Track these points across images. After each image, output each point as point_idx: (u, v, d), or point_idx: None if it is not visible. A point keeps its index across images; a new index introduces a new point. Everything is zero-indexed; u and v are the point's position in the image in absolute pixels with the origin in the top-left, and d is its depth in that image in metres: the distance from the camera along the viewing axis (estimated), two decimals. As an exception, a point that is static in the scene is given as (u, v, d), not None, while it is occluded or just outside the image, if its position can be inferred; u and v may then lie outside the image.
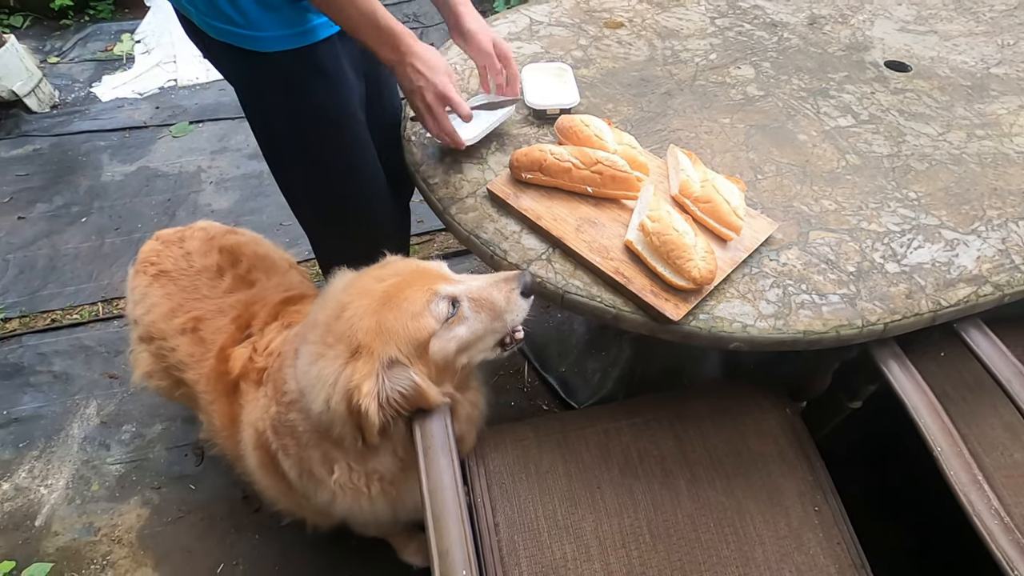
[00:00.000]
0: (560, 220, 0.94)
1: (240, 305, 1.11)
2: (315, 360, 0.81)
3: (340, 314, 0.82)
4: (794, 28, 1.46)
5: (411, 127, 1.16)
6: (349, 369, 0.77)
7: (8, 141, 2.49)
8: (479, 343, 0.86)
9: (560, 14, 1.48)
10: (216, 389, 1.06)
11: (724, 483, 1.00)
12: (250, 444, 1.01)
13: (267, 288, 1.15)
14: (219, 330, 1.09)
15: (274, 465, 0.98)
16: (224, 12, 0.92)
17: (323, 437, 0.88)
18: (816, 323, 0.84)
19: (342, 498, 0.92)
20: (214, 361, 1.06)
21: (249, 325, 1.07)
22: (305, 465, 0.92)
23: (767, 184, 1.05)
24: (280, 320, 1.06)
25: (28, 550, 1.40)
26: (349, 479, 0.89)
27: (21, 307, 1.90)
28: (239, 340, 1.06)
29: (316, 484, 0.93)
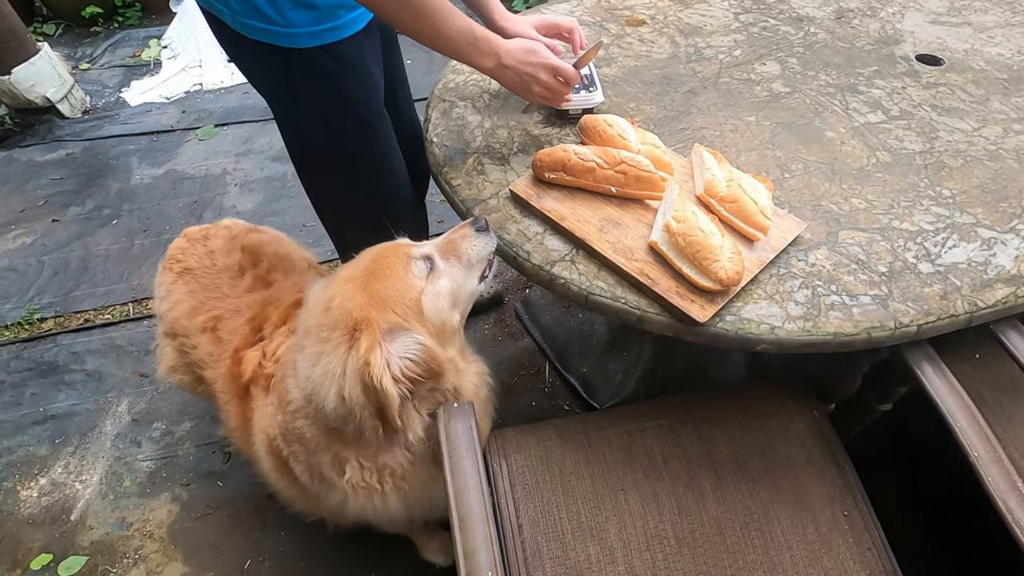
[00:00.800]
0: (583, 221, 0.94)
1: (256, 306, 1.12)
2: (316, 360, 0.82)
3: (328, 307, 0.84)
4: (821, 22, 1.43)
5: (432, 129, 1.17)
6: (354, 351, 0.77)
7: (42, 146, 2.57)
8: (463, 290, 0.92)
9: (581, 12, 1.47)
10: (231, 390, 1.08)
11: (750, 486, 0.99)
12: (262, 448, 1.02)
13: (283, 289, 1.16)
14: (235, 331, 1.11)
15: (286, 469, 0.99)
16: (261, 11, 0.94)
17: (333, 439, 0.89)
18: (847, 325, 0.82)
19: (354, 498, 0.93)
20: (229, 362, 1.08)
21: (262, 327, 1.09)
22: (315, 469, 0.93)
23: (794, 183, 1.03)
24: (289, 324, 1.07)
25: (64, 543, 1.44)
26: (361, 478, 0.90)
27: (56, 307, 1.96)
28: (252, 342, 1.08)
29: (328, 487, 0.94)
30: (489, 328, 1.86)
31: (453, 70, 1.31)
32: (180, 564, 1.41)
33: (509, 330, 1.85)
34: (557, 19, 1.13)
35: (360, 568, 1.40)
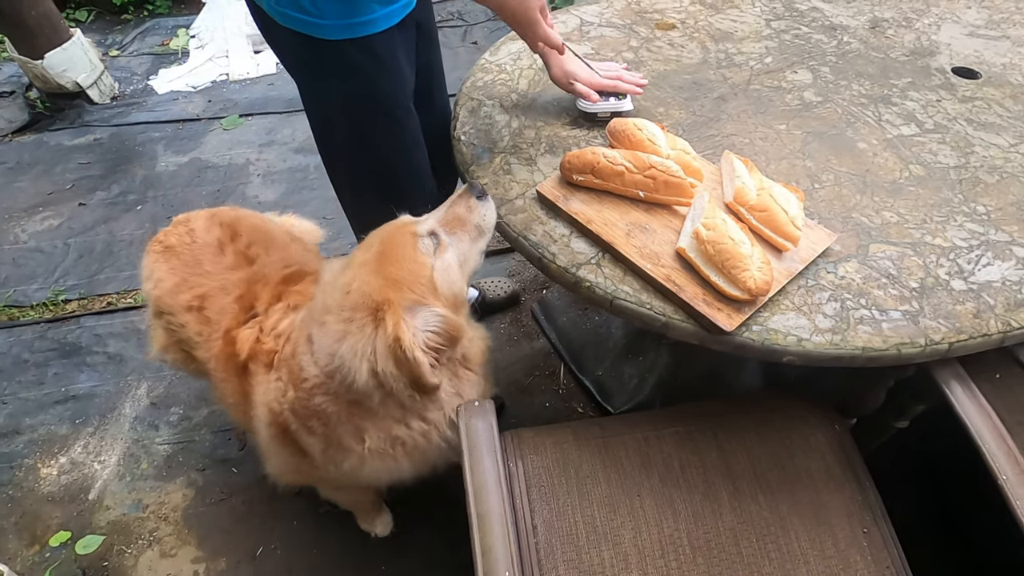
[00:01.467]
0: (610, 225, 0.93)
1: (243, 284, 1.14)
2: (341, 338, 0.86)
3: (348, 290, 0.87)
4: (854, 31, 1.41)
5: (460, 127, 1.17)
6: (381, 331, 0.82)
7: (72, 130, 2.61)
8: (469, 259, 0.96)
9: (611, 15, 1.46)
10: (226, 370, 1.10)
11: (768, 498, 0.98)
12: (263, 422, 1.05)
13: (267, 265, 1.18)
14: (223, 310, 1.12)
15: (289, 441, 1.03)
16: (295, 1, 0.96)
17: (353, 413, 0.94)
18: (876, 340, 0.81)
19: (371, 462, 0.99)
20: (221, 343, 1.10)
21: (253, 306, 1.11)
22: (333, 440, 0.98)
23: (825, 193, 1.02)
24: (284, 301, 1.09)
25: (82, 522, 1.47)
26: (379, 445, 0.97)
27: (80, 289, 1.99)
28: (244, 321, 1.10)
29: (344, 454, 1.00)
30: (505, 327, 1.86)
31: (481, 68, 1.31)
32: (193, 548, 1.43)
33: (525, 330, 1.85)
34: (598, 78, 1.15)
35: (369, 559, 1.41)
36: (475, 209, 0.95)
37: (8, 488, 1.53)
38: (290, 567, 1.40)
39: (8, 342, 1.83)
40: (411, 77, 1.16)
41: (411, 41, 1.14)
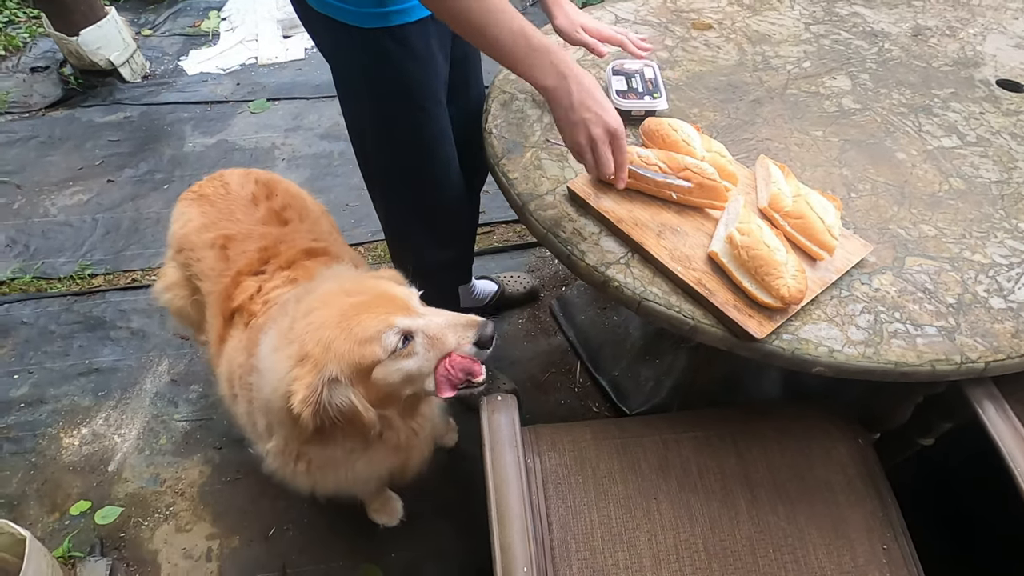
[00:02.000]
0: (641, 225, 0.92)
1: (271, 238, 1.16)
2: (274, 350, 0.86)
3: (306, 315, 0.86)
4: (896, 39, 1.38)
5: (491, 120, 1.17)
6: (293, 372, 0.81)
7: (103, 107, 2.65)
8: (428, 378, 0.87)
9: (646, 12, 1.44)
10: (220, 306, 1.13)
11: (787, 508, 0.97)
12: (223, 375, 1.09)
13: (299, 231, 1.20)
14: (243, 253, 1.14)
15: (235, 400, 1.06)
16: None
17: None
18: (910, 355, 0.79)
19: (272, 462, 1.00)
20: (228, 281, 1.12)
21: (268, 261, 1.13)
22: (250, 420, 1.01)
23: (861, 203, 1.00)
24: (291, 271, 1.11)
25: (101, 492, 1.50)
26: (283, 451, 0.95)
27: (106, 264, 2.02)
28: (255, 271, 1.12)
29: (256, 437, 1.02)
30: (523, 323, 1.86)
31: (515, 62, 1.30)
32: (208, 524, 1.45)
33: (542, 326, 1.85)
34: (609, 33, 1.12)
35: (379, 546, 1.42)
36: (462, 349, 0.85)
37: (31, 455, 1.56)
38: (301, 549, 1.42)
39: (36, 313, 1.87)
40: (444, 67, 1.16)
41: (447, 31, 1.13)
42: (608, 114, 0.83)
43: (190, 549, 1.41)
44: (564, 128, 0.86)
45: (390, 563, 1.40)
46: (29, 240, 2.10)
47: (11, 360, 1.76)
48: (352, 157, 2.48)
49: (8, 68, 2.86)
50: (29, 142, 2.48)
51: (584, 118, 0.82)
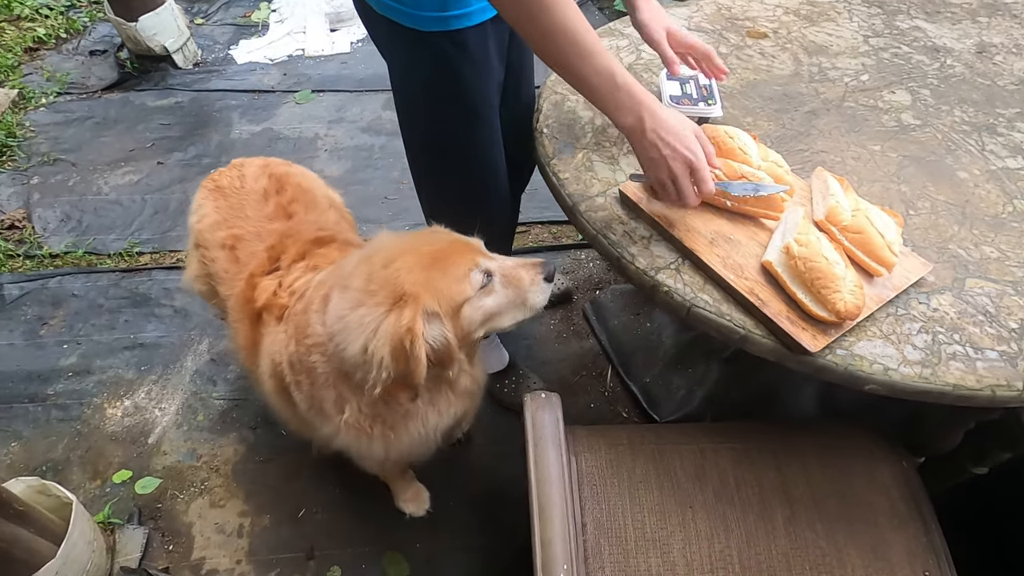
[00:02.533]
0: (693, 231, 0.92)
1: (276, 235, 1.18)
2: (355, 307, 0.87)
3: (388, 265, 0.89)
4: (959, 55, 1.34)
5: (543, 120, 1.17)
6: (394, 316, 0.84)
7: (155, 92, 2.73)
8: (501, 316, 0.96)
9: (700, 19, 1.43)
10: (242, 312, 1.15)
11: (826, 527, 0.95)
12: (266, 372, 1.10)
13: (303, 223, 1.22)
14: (253, 255, 1.17)
15: (286, 394, 1.07)
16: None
17: (340, 379, 0.95)
18: (969, 378, 0.77)
19: (345, 435, 1.01)
20: (243, 285, 1.15)
21: (279, 258, 1.15)
22: (316, 402, 1.01)
23: (920, 221, 0.98)
24: (307, 260, 1.13)
25: (141, 463, 1.55)
26: (357, 420, 0.98)
27: (153, 244, 2.09)
28: (268, 270, 1.14)
29: (323, 419, 1.02)
30: (555, 324, 1.86)
31: (567, 63, 1.31)
32: (240, 501, 1.49)
33: (575, 328, 1.85)
34: (695, 41, 1.07)
35: (406, 534, 1.44)
36: (535, 284, 0.96)
37: (77, 423, 1.62)
38: (329, 532, 1.44)
39: (86, 286, 1.94)
40: (500, 71, 1.16)
41: (504, 35, 1.14)
42: (688, 149, 0.83)
43: (222, 524, 1.45)
44: (645, 165, 0.88)
45: (415, 553, 1.41)
46: (82, 216, 2.18)
47: (61, 330, 1.83)
48: (392, 151, 2.53)
49: (69, 50, 2.97)
50: (85, 122, 2.57)
51: (664, 154, 0.83)
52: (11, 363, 1.74)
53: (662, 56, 1.07)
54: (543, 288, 0.96)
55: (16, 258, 2.03)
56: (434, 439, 1.05)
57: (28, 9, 3.07)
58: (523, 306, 0.96)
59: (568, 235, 2.11)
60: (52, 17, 3.09)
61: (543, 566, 0.70)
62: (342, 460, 1.43)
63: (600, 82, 0.83)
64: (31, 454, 1.56)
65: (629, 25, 1.39)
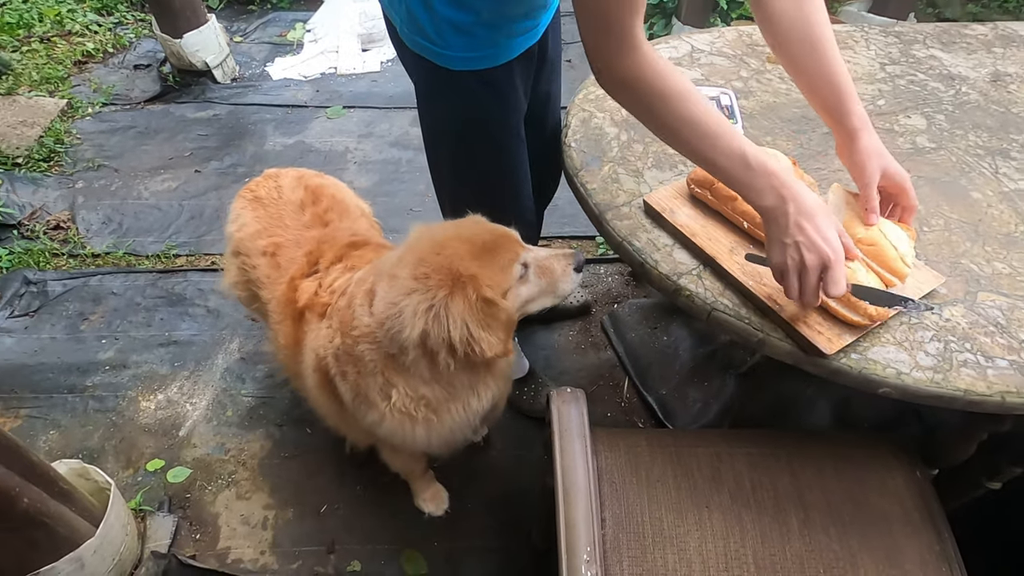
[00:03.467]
0: (714, 240, 0.97)
1: (313, 241, 1.24)
2: (408, 292, 0.92)
3: (439, 252, 0.94)
4: (974, 83, 1.39)
5: (571, 135, 1.24)
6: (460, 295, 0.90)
7: (195, 104, 2.87)
8: (533, 302, 1.04)
9: (722, 44, 1.50)
10: (284, 313, 1.21)
11: (839, 531, 0.98)
12: (310, 367, 1.15)
13: (338, 230, 1.29)
14: (293, 260, 1.23)
15: (330, 387, 1.11)
16: (424, 30, 1.04)
17: (388, 365, 1.00)
18: (979, 384, 0.81)
19: (391, 420, 1.05)
20: (285, 288, 1.21)
21: (317, 262, 1.21)
22: (361, 389, 1.05)
23: (933, 237, 1.02)
24: (344, 262, 1.19)
25: (171, 454, 1.61)
26: (403, 404, 1.03)
27: (189, 247, 2.18)
28: (307, 274, 1.20)
29: (369, 407, 1.06)
30: (574, 335, 1.90)
31: (594, 83, 1.38)
32: (265, 495, 1.54)
33: (593, 340, 1.89)
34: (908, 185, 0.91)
35: (424, 533, 1.47)
36: (566, 274, 1.04)
37: (112, 414, 1.69)
38: (350, 528, 1.48)
39: (124, 285, 2.03)
40: (524, 102, 1.22)
41: (531, 69, 1.20)
42: (828, 243, 0.75)
43: (248, 516, 1.50)
44: (774, 246, 0.80)
45: (433, 551, 1.45)
46: (123, 219, 2.28)
47: (100, 326, 1.91)
48: (419, 165, 2.62)
49: (115, 64, 3.14)
50: (128, 131, 2.71)
51: (798, 241, 0.76)
52: (53, 355, 1.82)
53: (864, 197, 0.91)
54: (573, 278, 1.03)
55: (60, 256, 2.13)
56: (473, 423, 1.10)
57: (79, 25, 3.25)
58: (553, 294, 1.03)
59: (588, 249, 2.17)
60: (101, 33, 3.27)
61: (567, 547, 0.74)
62: (365, 459, 1.49)
63: (731, 164, 0.80)
64: (68, 442, 1.63)
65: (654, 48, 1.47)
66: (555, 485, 0.79)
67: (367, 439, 1.28)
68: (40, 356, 1.82)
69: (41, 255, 2.11)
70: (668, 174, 1.13)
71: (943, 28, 1.59)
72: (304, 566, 1.42)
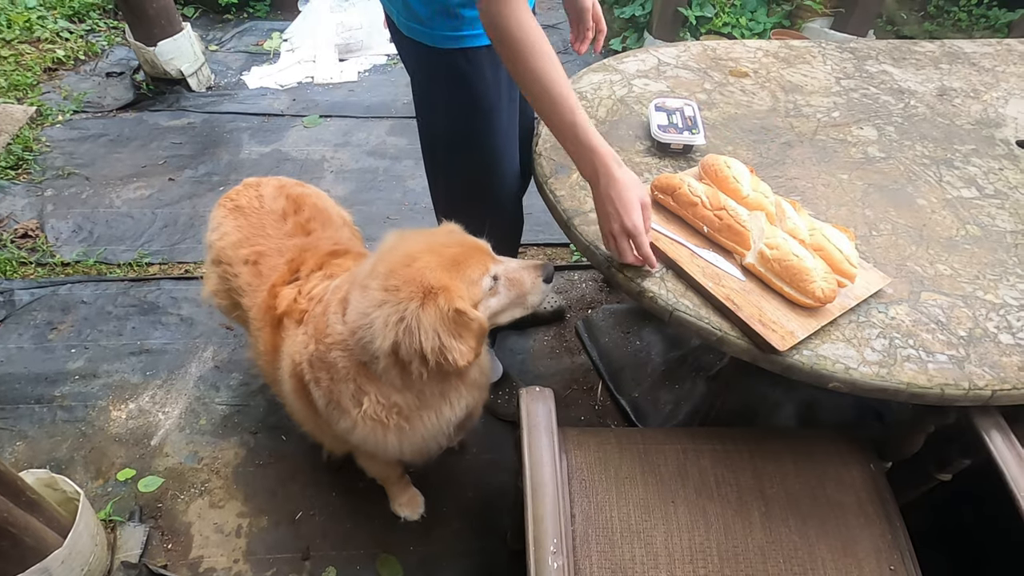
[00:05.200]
0: (675, 245, 1.01)
1: (295, 249, 1.26)
2: (379, 304, 0.94)
3: (410, 264, 0.96)
4: (922, 97, 1.47)
5: (541, 144, 1.28)
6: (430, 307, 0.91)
7: (169, 112, 2.85)
8: (503, 314, 1.06)
9: (687, 58, 1.56)
10: (263, 319, 1.22)
11: (798, 523, 1.02)
12: (286, 372, 1.16)
13: (320, 239, 1.30)
14: (274, 268, 1.25)
15: (305, 393, 1.12)
16: (418, 15, 1.14)
17: (360, 372, 1.02)
18: (921, 378, 0.86)
19: (362, 427, 1.06)
20: (266, 295, 1.22)
21: (298, 269, 1.23)
22: (334, 396, 1.06)
23: (881, 241, 1.08)
24: (324, 270, 1.21)
25: (144, 464, 1.59)
26: (375, 411, 1.03)
27: (162, 255, 2.16)
28: (288, 281, 1.22)
29: (341, 413, 1.07)
30: (548, 340, 1.94)
31: (564, 94, 1.42)
32: (239, 503, 1.53)
33: (567, 345, 1.93)
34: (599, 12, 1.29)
35: (400, 538, 1.48)
36: (536, 286, 1.05)
37: (81, 424, 1.66)
38: (325, 533, 1.48)
39: (95, 294, 2.00)
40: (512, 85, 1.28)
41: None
42: (628, 215, 0.91)
43: (221, 524, 1.49)
44: (600, 216, 0.96)
45: (408, 556, 1.45)
46: (94, 228, 2.25)
47: (70, 335, 1.88)
48: (395, 173, 2.63)
49: (86, 71, 3.10)
50: (100, 139, 2.68)
51: (608, 211, 0.93)
52: (19, 365, 1.79)
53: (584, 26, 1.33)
54: (542, 289, 1.05)
55: (28, 265, 2.10)
56: (447, 432, 1.11)
57: (49, 32, 3.21)
58: (523, 305, 1.05)
59: (562, 256, 2.21)
60: (72, 40, 3.23)
61: (535, 540, 0.77)
62: (342, 465, 1.49)
63: (562, 132, 0.95)
64: (35, 452, 1.60)
65: (623, 61, 1.53)
66: (523, 480, 0.82)
67: (342, 446, 1.28)
68: (6, 366, 1.79)
69: (8, 264, 2.07)
70: (634, 181, 1.18)
71: (895, 45, 1.68)
72: (278, 573, 1.42)
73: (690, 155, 1.24)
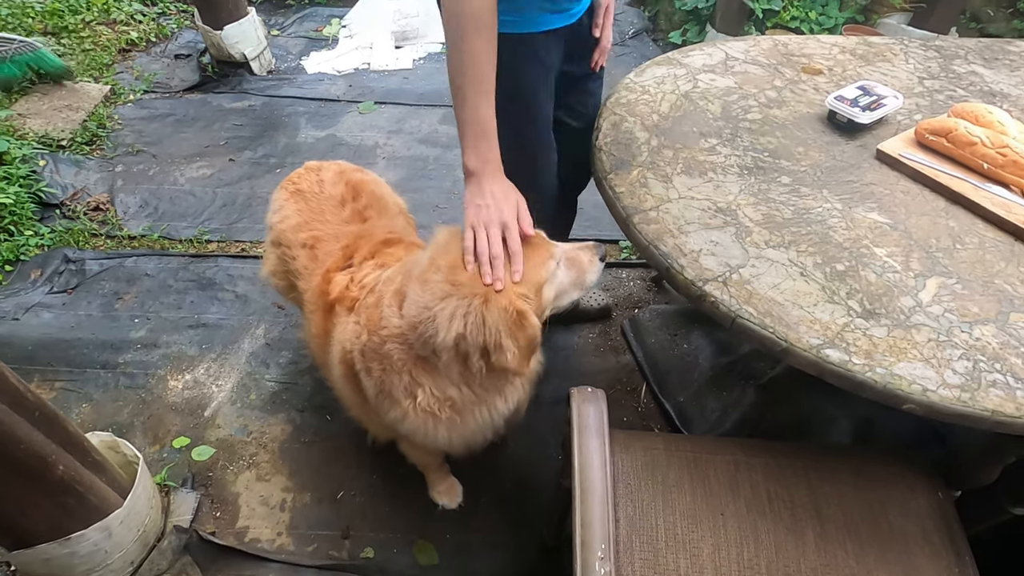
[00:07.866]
0: (957, 180, 1.06)
1: (351, 236, 1.27)
2: (443, 297, 0.93)
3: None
4: (1016, 100, 1.36)
5: (602, 138, 1.25)
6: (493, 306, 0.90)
7: (232, 95, 2.94)
8: (565, 295, 1.06)
9: (757, 53, 1.50)
10: (317, 303, 1.23)
11: (856, 548, 0.97)
12: (336, 358, 1.17)
13: (376, 226, 1.31)
14: (329, 253, 1.26)
15: (354, 380, 1.13)
16: None
17: (417, 365, 1.01)
18: (1008, 405, 0.80)
19: (413, 419, 1.06)
20: (320, 280, 1.23)
21: (352, 256, 1.23)
22: (386, 387, 1.06)
23: (966, 255, 1.00)
24: (376, 259, 1.21)
25: (197, 433, 1.65)
26: (428, 404, 1.03)
27: (221, 233, 2.24)
28: (342, 267, 1.23)
29: (392, 403, 1.07)
30: (593, 338, 1.91)
31: (626, 87, 1.38)
32: (284, 478, 1.57)
33: (612, 344, 1.89)
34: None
35: (437, 525, 1.49)
36: (593, 264, 1.07)
37: (142, 391, 1.75)
38: (365, 515, 1.51)
39: (158, 267, 2.09)
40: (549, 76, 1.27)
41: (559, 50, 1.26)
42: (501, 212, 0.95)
43: (267, 497, 1.54)
44: (468, 207, 0.99)
45: (445, 544, 1.47)
46: (159, 204, 2.36)
47: (134, 306, 1.97)
48: (446, 162, 2.64)
49: (157, 53, 3.23)
50: (167, 119, 2.79)
51: (479, 204, 0.97)
52: (88, 331, 1.89)
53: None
54: (598, 268, 1.07)
55: (99, 237, 2.21)
56: (496, 425, 1.11)
57: (124, 14, 3.36)
58: (581, 285, 1.06)
59: (610, 253, 2.17)
60: (145, 22, 3.37)
61: (583, 543, 0.75)
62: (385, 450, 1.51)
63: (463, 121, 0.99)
64: (99, 415, 1.69)
65: (688, 55, 1.48)
66: (572, 482, 0.80)
67: (388, 433, 1.30)
68: (76, 332, 1.89)
69: (81, 235, 2.19)
70: (697, 180, 1.14)
71: (986, 44, 1.56)
72: (319, 550, 1.45)
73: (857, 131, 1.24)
